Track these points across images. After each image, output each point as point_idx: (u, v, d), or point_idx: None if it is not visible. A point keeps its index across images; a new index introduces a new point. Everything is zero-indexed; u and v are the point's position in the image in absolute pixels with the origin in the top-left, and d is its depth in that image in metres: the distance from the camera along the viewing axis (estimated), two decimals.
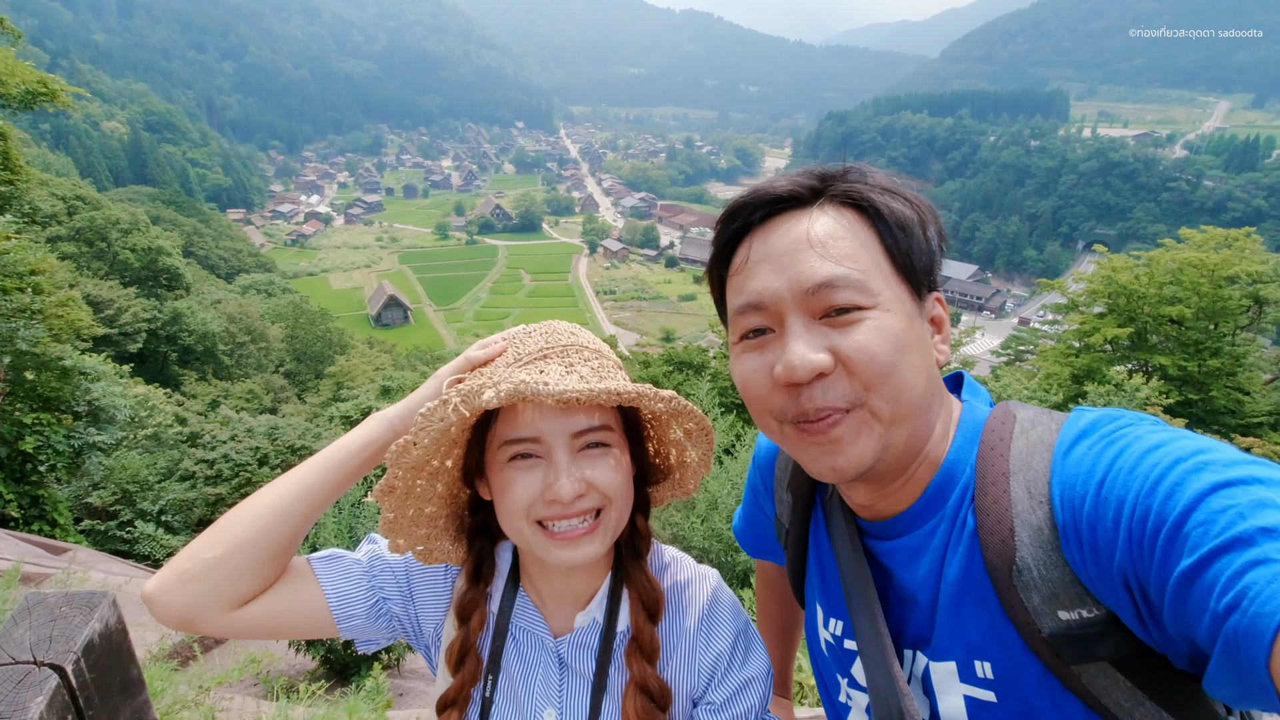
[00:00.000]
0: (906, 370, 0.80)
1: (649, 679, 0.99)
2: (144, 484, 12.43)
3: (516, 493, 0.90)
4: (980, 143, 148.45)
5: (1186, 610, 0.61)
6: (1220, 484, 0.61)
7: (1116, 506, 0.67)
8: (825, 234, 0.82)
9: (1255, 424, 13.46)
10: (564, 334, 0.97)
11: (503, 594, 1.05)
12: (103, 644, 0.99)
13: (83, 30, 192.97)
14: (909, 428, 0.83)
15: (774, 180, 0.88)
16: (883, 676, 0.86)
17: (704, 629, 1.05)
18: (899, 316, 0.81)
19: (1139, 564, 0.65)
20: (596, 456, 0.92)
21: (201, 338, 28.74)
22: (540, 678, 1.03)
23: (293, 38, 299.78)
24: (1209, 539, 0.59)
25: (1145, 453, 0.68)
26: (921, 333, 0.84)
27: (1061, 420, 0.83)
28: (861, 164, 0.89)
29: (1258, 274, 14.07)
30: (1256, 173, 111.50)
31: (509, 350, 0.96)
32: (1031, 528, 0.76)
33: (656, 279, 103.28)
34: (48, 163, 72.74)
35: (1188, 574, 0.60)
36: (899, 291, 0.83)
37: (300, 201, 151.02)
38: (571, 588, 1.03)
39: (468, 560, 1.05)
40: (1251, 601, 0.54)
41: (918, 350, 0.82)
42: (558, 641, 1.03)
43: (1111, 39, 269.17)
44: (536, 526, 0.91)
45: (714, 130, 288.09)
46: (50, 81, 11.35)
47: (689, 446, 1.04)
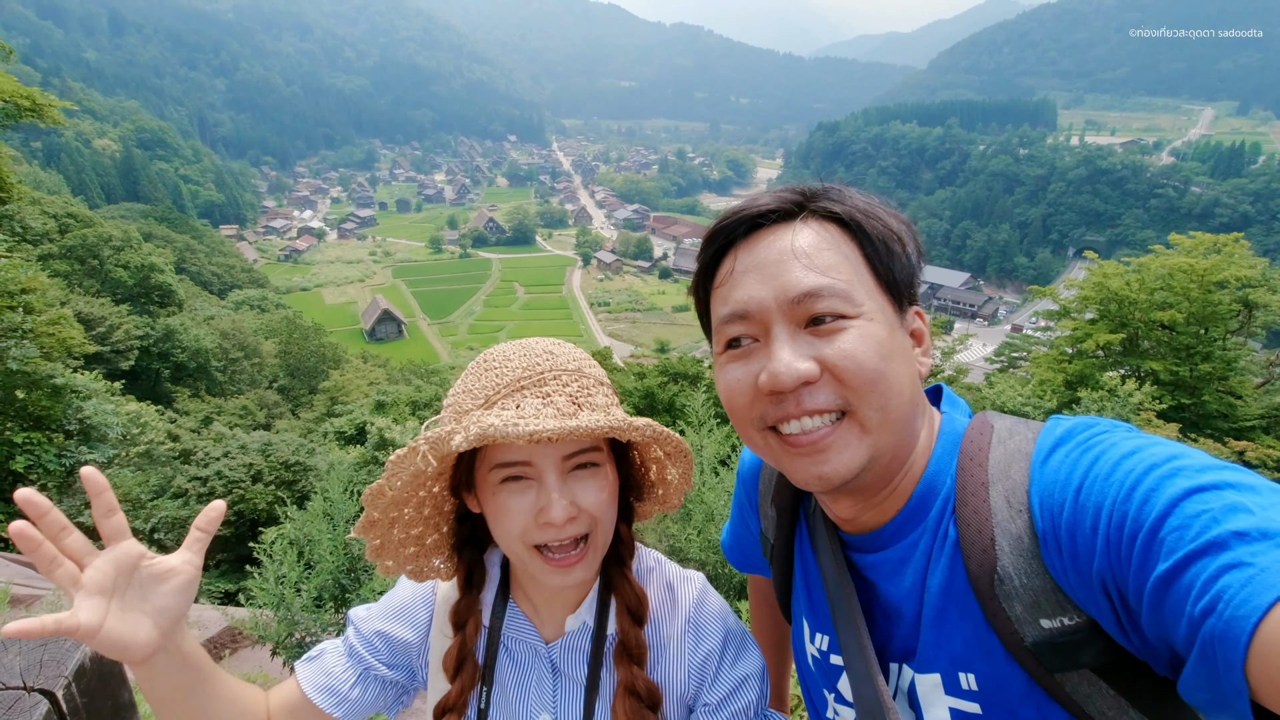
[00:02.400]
0: (893, 378, 0.81)
1: (637, 681, 1.01)
2: (136, 502, 12.32)
3: (512, 517, 0.91)
4: (970, 152, 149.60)
5: (1164, 614, 0.61)
6: (1194, 489, 0.62)
7: (1094, 512, 0.68)
8: (809, 245, 0.83)
9: (1248, 427, 13.51)
10: (541, 357, 0.96)
11: (494, 605, 1.07)
12: (93, 668, 0.96)
13: (74, 49, 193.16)
14: (895, 436, 0.84)
15: (757, 197, 0.89)
16: (868, 691, 0.86)
17: (691, 629, 1.07)
18: (883, 326, 0.82)
19: (1117, 569, 0.66)
20: (585, 477, 0.94)
21: (194, 354, 28.57)
22: (534, 684, 1.05)
23: (285, 54, 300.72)
24: (1184, 543, 0.60)
25: (1121, 459, 0.69)
26: (904, 343, 0.85)
27: (1038, 429, 0.83)
28: (839, 184, 0.90)
29: (1246, 278, 14.17)
30: (1242, 178, 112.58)
31: (485, 379, 0.94)
32: (1012, 536, 0.76)
33: (650, 290, 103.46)
34: (39, 181, 72.61)
35: (1164, 578, 0.61)
36: (881, 302, 0.83)
37: (293, 217, 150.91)
38: (563, 595, 1.05)
39: (459, 570, 1.06)
40: (1227, 605, 0.55)
41: (902, 359, 0.83)
42: (550, 648, 1.05)
43: (1096, 48, 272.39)
44: (533, 551, 0.93)
45: (705, 142, 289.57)
46: (37, 96, 11.28)
47: (669, 466, 1.07)
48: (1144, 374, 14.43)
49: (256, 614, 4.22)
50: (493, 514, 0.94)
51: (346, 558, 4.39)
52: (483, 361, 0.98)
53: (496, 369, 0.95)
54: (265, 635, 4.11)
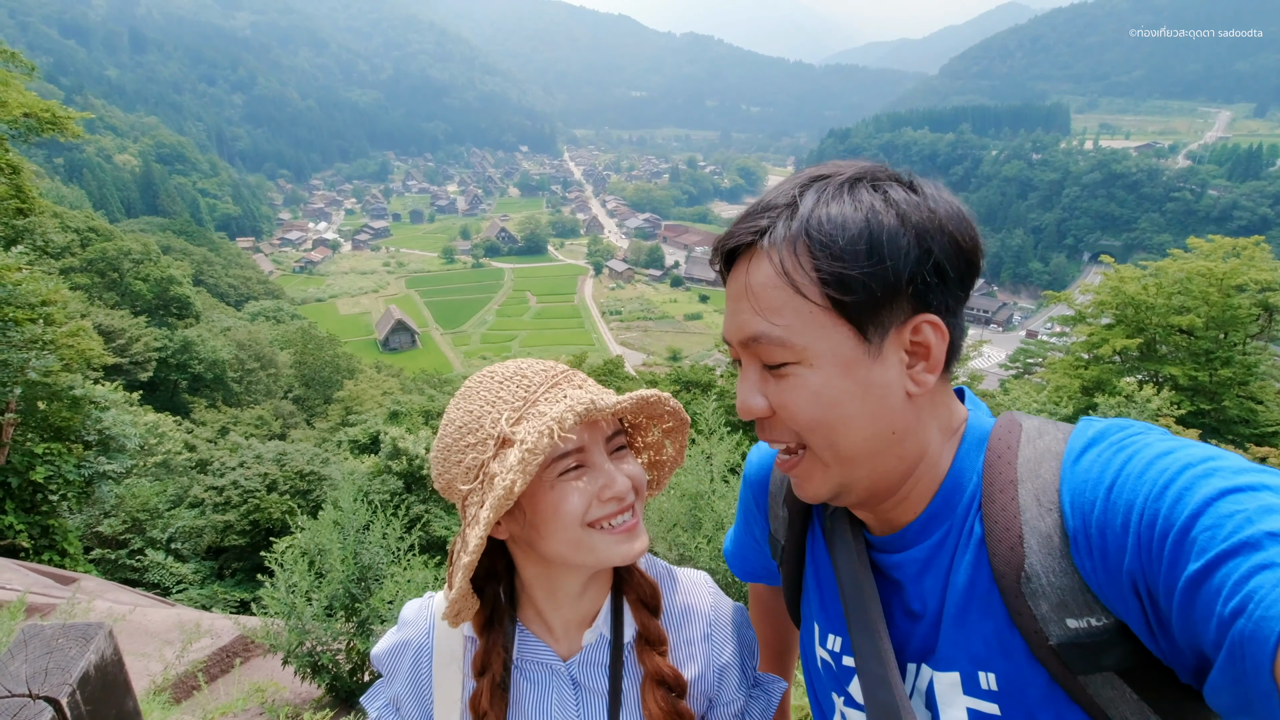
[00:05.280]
0: (836, 423, 0.80)
1: (663, 669, 1.01)
2: (154, 512, 12.47)
3: (574, 502, 0.91)
4: (982, 157, 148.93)
5: (1194, 615, 0.61)
6: (1229, 489, 0.61)
7: (1125, 511, 0.68)
8: (759, 283, 0.81)
9: (1270, 433, 13.27)
10: (542, 363, 0.98)
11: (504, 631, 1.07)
12: (98, 676, 0.99)
13: (96, 66, 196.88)
14: (861, 469, 0.83)
15: (736, 221, 0.87)
16: (883, 694, 0.85)
17: (712, 632, 1.10)
18: (826, 371, 0.79)
19: (1148, 568, 0.65)
20: (623, 457, 0.97)
21: (211, 365, 28.90)
22: (555, 703, 1.04)
23: (300, 69, 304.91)
24: (1216, 543, 0.59)
25: (1154, 458, 0.69)
26: (866, 377, 0.79)
27: (1068, 430, 0.82)
28: (831, 167, 0.86)
29: (1267, 282, 13.96)
30: (1261, 181, 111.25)
31: (508, 390, 0.93)
32: (1040, 535, 0.75)
33: (662, 299, 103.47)
34: (61, 195, 73.91)
35: (1195, 578, 0.60)
36: (835, 337, 0.79)
37: (308, 229, 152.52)
38: (580, 610, 1.05)
39: (480, 611, 1.03)
40: (1257, 605, 0.54)
41: (854, 399, 0.80)
42: (568, 664, 1.04)
43: (1109, 52, 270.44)
44: (591, 530, 0.93)
45: (716, 150, 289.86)
46: (56, 109, 11.47)
47: (667, 444, 1.09)
48: (1162, 379, 14.24)
49: (268, 623, 4.25)
50: (551, 509, 0.92)
51: (357, 567, 4.40)
52: (488, 379, 0.96)
53: (516, 377, 0.95)
54: (276, 644, 4.13)
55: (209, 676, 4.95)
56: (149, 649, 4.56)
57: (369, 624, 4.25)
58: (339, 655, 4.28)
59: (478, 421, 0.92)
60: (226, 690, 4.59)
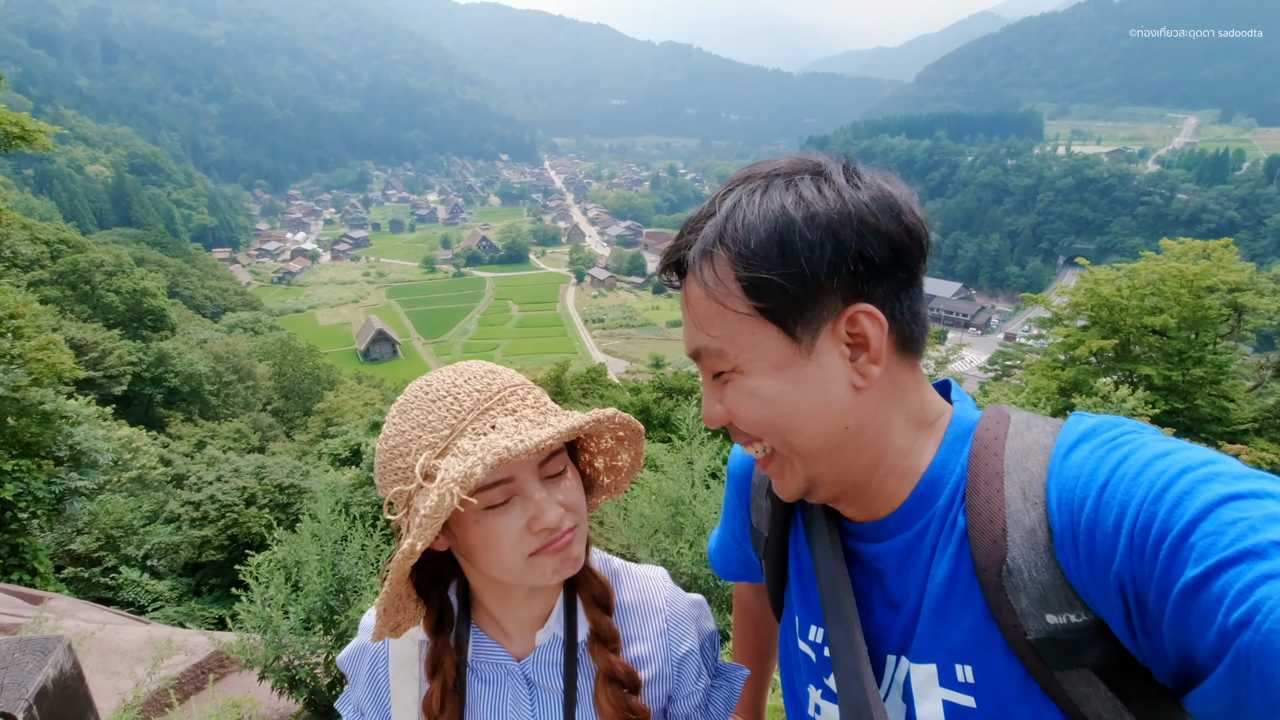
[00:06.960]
0: (783, 425, 0.81)
1: (615, 666, 1.01)
2: (128, 528, 12.18)
3: (506, 538, 0.89)
4: (958, 163, 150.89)
5: (1189, 621, 0.59)
6: (1231, 495, 0.60)
7: (1119, 511, 0.66)
8: (694, 297, 0.83)
9: (1241, 431, 13.52)
10: (487, 377, 0.94)
11: (457, 632, 1.06)
12: (56, 690, 0.93)
13: (67, 76, 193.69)
14: (821, 464, 0.84)
15: (675, 236, 0.89)
16: (855, 687, 0.85)
17: (668, 628, 1.10)
18: (760, 375, 0.80)
19: (1139, 572, 0.64)
20: (559, 481, 0.93)
21: (187, 378, 28.43)
22: (510, 702, 1.03)
23: (277, 79, 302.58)
24: (1217, 550, 0.58)
25: (1152, 459, 0.67)
26: (801, 376, 0.79)
27: (1058, 424, 0.81)
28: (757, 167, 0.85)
29: (1236, 283, 14.29)
30: (1228, 185, 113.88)
31: (437, 411, 0.90)
32: (1024, 529, 0.75)
33: (644, 306, 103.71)
34: (31, 207, 72.66)
35: (1192, 585, 0.59)
36: (765, 342, 0.79)
37: (286, 239, 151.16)
38: (532, 611, 1.04)
39: (428, 614, 1.02)
40: (1265, 617, 0.53)
41: (793, 400, 0.80)
42: (522, 664, 1.04)
43: (1080, 59, 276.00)
44: (531, 558, 0.91)
45: (697, 158, 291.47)
46: (26, 122, 11.24)
47: (621, 451, 1.08)
48: (1137, 379, 14.48)
49: (244, 638, 4.16)
50: (481, 542, 0.91)
51: (335, 579, 4.33)
52: (423, 394, 0.92)
53: (447, 398, 0.91)
54: (252, 660, 4.05)
55: (182, 694, 4.83)
56: (119, 666, 4.44)
57: (348, 636, 4.17)
58: (317, 669, 4.20)
59: (406, 446, 0.90)
60: (200, 707, 4.48)
